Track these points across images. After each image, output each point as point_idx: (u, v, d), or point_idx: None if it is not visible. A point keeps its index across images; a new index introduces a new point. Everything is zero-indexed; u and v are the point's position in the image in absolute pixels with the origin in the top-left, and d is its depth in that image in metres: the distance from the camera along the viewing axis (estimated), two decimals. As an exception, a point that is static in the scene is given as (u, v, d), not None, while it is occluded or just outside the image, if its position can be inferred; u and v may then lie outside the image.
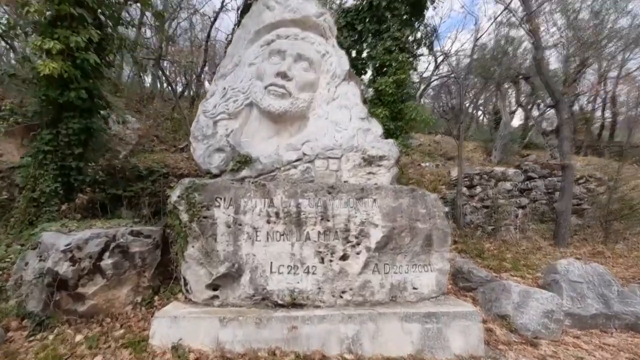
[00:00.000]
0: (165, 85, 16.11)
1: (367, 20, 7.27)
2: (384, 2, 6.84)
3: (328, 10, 6.16)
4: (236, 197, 4.63)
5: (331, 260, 4.57)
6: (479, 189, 8.67)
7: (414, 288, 4.74)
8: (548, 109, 12.86)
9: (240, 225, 4.57)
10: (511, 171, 8.92)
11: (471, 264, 6.02)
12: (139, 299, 4.86)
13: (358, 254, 4.58)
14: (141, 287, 4.88)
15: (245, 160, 5.16)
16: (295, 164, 5.26)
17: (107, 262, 4.48)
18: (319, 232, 4.58)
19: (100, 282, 4.48)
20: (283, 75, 5.38)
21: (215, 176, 5.16)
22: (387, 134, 6.18)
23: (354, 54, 7.63)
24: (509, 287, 5.09)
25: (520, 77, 11.94)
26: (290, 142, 5.35)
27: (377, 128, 5.77)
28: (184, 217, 4.48)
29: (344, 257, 4.59)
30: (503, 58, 12.02)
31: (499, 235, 7.70)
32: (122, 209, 7.26)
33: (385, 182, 5.24)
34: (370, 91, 7.58)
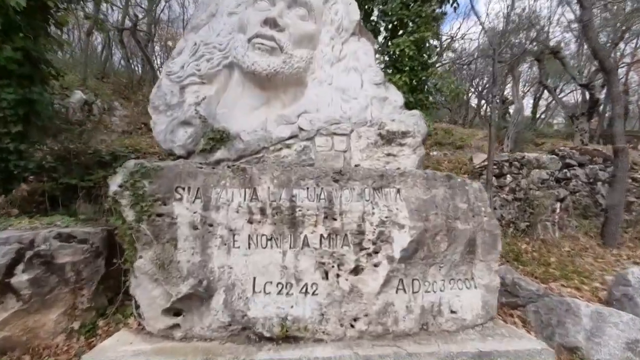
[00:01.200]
0: (156, 69, 14.68)
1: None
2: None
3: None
4: (205, 187, 3.29)
5: (338, 275, 3.26)
6: (509, 178, 7.34)
7: (452, 312, 3.44)
8: (580, 88, 11.47)
9: (210, 226, 3.25)
10: (546, 157, 7.58)
11: (515, 272, 4.72)
12: (75, 325, 3.56)
13: (376, 266, 3.26)
14: (79, 310, 3.57)
15: (221, 138, 3.81)
16: (288, 142, 3.91)
17: (20, 278, 3.15)
18: (321, 236, 3.25)
19: (13, 306, 3.16)
20: (272, 24, 3.99)
21: (180, 159, 3.81)
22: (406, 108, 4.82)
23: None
24: (577, 308, 3.79)
25: (549, 52, 10.54)
26: (282, 114, 3.99)
27: (396, 97, 4.41)
28: (129, 215, 3.14)
29: (356, 271, 3.27)
30: (529, 31, 10.60)
31: (535, 234, 6.40)
32: (79, 202, 5.93)
33: (409, 166, 3.90)
34: (382, 61, 6.21)
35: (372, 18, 6.60)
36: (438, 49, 5.58)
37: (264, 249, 3.26)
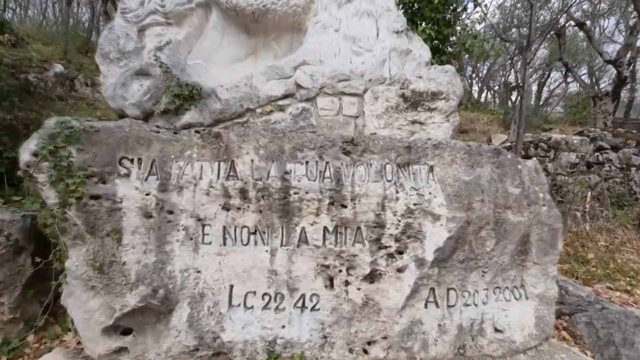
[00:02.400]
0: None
1: None
2: None
3: None
4: (163, 159, 2.33)
5: (348, 283, 2.36)
6: (535, 160, 6.45)
7: (497, 330, 2.58)
8: (607, 64, 10.51)
9: (170, 213, 2.32)
10: (576, 139, 6.69)
11: (559, 274, 3.87)
12: (-6, 342, 2.66)
13: (400, 271, 2.36)
14: (-3, 323, 2.66)
15: (191, 94, 2.82)
16: (282, 103, 2.94)
17: None
18: (325, 230, 2.33)
19: None
20: (262, -57, 2.95)
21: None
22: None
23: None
24: (649, 323, 2.96)
25: (571, 25, 9.50)
26: (274, 65, 2.99)
27: (422, 51, 3.42)
28: (50, 196, 2.18)
29: (372, 278, 2.38)
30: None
31: (566, 226, 5.56)
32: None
33: (440, 137, 2.95)
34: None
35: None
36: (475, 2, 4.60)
37: (245, 246, 2.33)
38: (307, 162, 2.33)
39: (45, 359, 2.54)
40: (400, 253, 2.37)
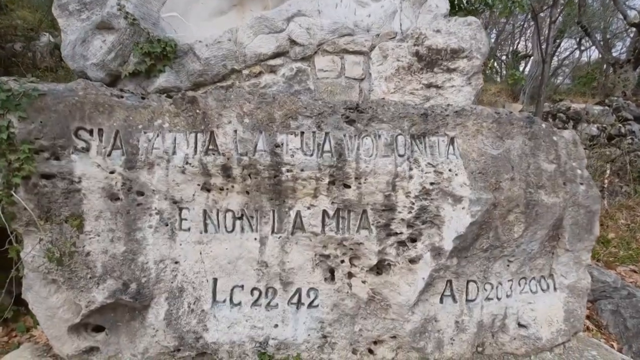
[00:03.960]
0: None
1: None
2: None
3: None
4: (129, 130, 1.92)
5: (351, 275, 2.02)
6: (553, 133, 6.00)
7: (521, 325, 2.26)
8: (631, 28, 9.73)
9: (140, 195, 1.94)
10: (597, 109, 6.17)
11: (583, 257, 3.53)
12: (-46, 337, 2.37)
13: (413, 262, 2.00)
14: (-45, 316, 2.35)
15: (164, 53, 2.36)
16: (273, 62, 2.47)
17: None
18: (324, 214, 1.96)
19: None
20: None
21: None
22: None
23: None
24: (689, 315, 2.64)
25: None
26: (263, 15, 2.50)
27: (439, 1, 2.90)
28: (-11, 175, 1.80)
29: (380, 269, 2.03)
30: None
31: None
32: None
33: (461, 103, 2.52)
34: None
35: None
36: None
37: (230, 233, 1.97)
38: (302, 133, 1.92)
39: (11, 356, 2.26)
40: (414, 241, 2.00)
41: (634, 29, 9.61)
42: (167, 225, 1.97)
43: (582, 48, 18.09)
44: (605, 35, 16.35)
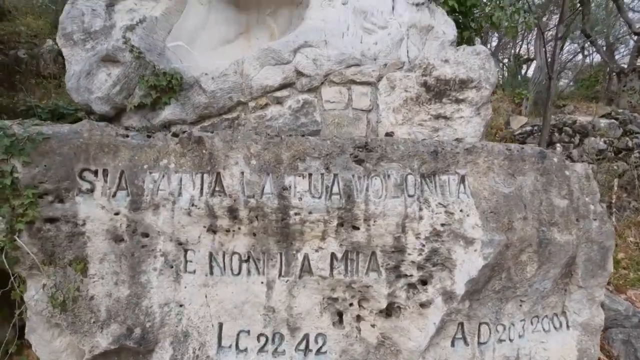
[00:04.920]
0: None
1: None
2: None
3: None
4: (134, 170, 1.89)
5: (360, 319, 1.98)
6: (558, 147, 5.93)
7: (534, 366, 2.20)
8: (636, 35, 9.65)
9: (145, 236, 1.90)
10: (604, 122, 6.11)
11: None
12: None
13: (424, 306, 1.95)
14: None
15: (170, 85, 2.33)
16: (279, 94, 2.44)
17: None
18: (333, 256, 1.92)
19: None
20: None
21: (102, 120, 2.37)
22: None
23: None
24: None
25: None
26: (269, 47, 2.47)
27: (446, 27, 2.87)
28: (-8, 220, 1.77)
29: (390, 312, 1.98)
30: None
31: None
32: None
33: (470, 135, 2.47)
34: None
35: None
36: None
37: (236, 276, 1.93)
38: (310, 175, 1.88)
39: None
40: (424, 284, 1.95)
41: (637, 28, 9.51)
42: (172, 267, 1.93)
43: (586, 53, 18.00)
44: (608, 39, 16.28)
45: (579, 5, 10.21)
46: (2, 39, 7.44)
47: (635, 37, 9.83)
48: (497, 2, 3.90)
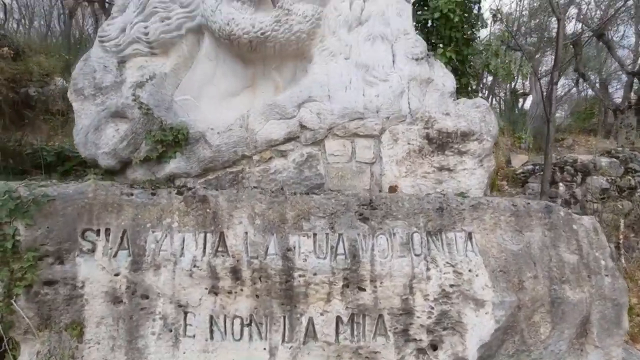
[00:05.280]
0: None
1: None
2: None
3: None
4: (136, 229, 1.87)
5: (368, 386, 1.87)
6: (561, 187, 5.92)
7: None
8: (628, 76, 9.95)
9: (145, 298, 1.85)
10: (605, 161, 6.15)
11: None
12: None
13: (435, 373, 1.85)
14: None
15: (176, 140, 2.36)
16: (283, 147, 2.47)
17: None
18: (338, 320, 1.85)
19: None
20: (260, -39, 2.51)
21: (107, 173, 2.39)
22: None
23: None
24: None
25: (588, 35, 9.01)
26: (274, 103, 2.53)
27: (445, 79, 2.95)
28: (-10, 285, 1.72)
29: (399, 379, 1.88)
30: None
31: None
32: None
33: (473, 187, 2.47)
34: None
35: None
36: (493, 16, 4.20)
37: (238, 341, 1.85)
38: (315, 235, 1.86)
39: None
40: (435, 349, 1.87)
41: (630, 68, 9.83)
42: (171, 331, 1.86)
43: (580, 88, 18.50)
44: (601, 75, 16.78)
45: (571, 46, 10.66)
46: (15, 77, 7.73)
47: (626, 76, 10.18)
48: (492, 50, 4.06)
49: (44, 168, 5.02)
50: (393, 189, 2.37)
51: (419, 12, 4.40)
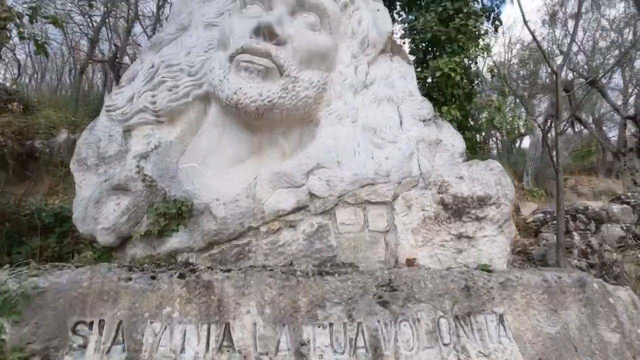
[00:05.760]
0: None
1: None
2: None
3: None
4: (133, 320, 1.69)
5: None
6: (576, 236, 5.72)
7: None
8: (625, 120, 10.12)
9: (138, 403, 1.62)
10: (616, 207, 6.00)
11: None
12: None
13: None
14: None
15: (179, 212, 2.25)
16: (292, 218, 2.35)
17: None
18: None
19: None
20: (268, 34, 2.56)
21: (106, 250, 2.25)
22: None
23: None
24: None
25: (585, 82, 9.29)
26: (281, 171, 2.46)
27: (454, 140, 2.92)
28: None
29: None
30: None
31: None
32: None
33: (496, 255, 2.31)
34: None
35: (396, 32, 5.24)
36: (493, 73, 4.35)
37: None
38: (331, 325, 1.67)
39: None
40: None
41: (623, 110, 10.02)
42: None
43: (575, 128, 18.87)
44: (594, 115, 17.17)
45: (564, 90, 10.99)
46: (22, 130, 7.87)
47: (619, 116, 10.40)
48: (495, 104, 4.10)
49: (41, 231, 4.87)
50: (411, 262, 2.22)
51: (419, 69, 4.53)
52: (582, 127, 16.26)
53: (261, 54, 2.53)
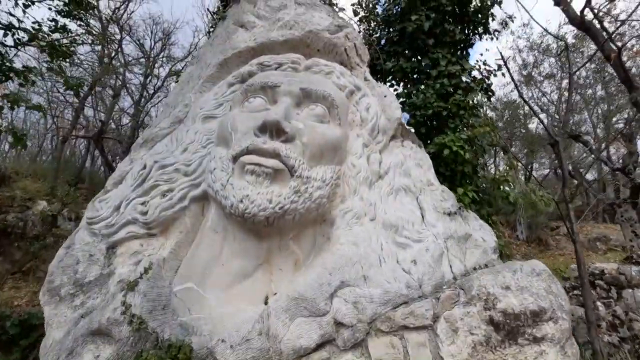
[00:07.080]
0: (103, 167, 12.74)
1: (400, 54, 4.70)
2: (426, 23, 4.30)
3: (349, 22, 3.46)
4: None
5: None
6: (601, 308, 5.33)
7: None
8: (616, 172, 10.29)
9: None
10: (634, 270, 5.73)
11: None
12: None
13: None
14: None
15: (175, 363, 1.78)
16: (316, 357, 1.90)
17: None
18: None
19: None
20: (275, 131, 2.32)
21: None
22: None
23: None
24: None
25: (568, 137, 9.55)
26: (300, 295, 2.05)
27: (483, 232, 2.66)
28: None
29: None
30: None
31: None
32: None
33: (566, 390, 1.89)
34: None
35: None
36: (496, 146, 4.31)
37: None
38: None
39: None
40: None
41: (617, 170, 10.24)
42: None
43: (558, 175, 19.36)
44: (574, 163, 17.76)
45: (548, 144, 11.34)
46: (-5, 204, 7.37)
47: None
48: (506, 179, 3.92)
49: (4, 344, 4.20)
50: (472, 414, 1.77)
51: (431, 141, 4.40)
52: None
53: (269, 155, 2.27)
